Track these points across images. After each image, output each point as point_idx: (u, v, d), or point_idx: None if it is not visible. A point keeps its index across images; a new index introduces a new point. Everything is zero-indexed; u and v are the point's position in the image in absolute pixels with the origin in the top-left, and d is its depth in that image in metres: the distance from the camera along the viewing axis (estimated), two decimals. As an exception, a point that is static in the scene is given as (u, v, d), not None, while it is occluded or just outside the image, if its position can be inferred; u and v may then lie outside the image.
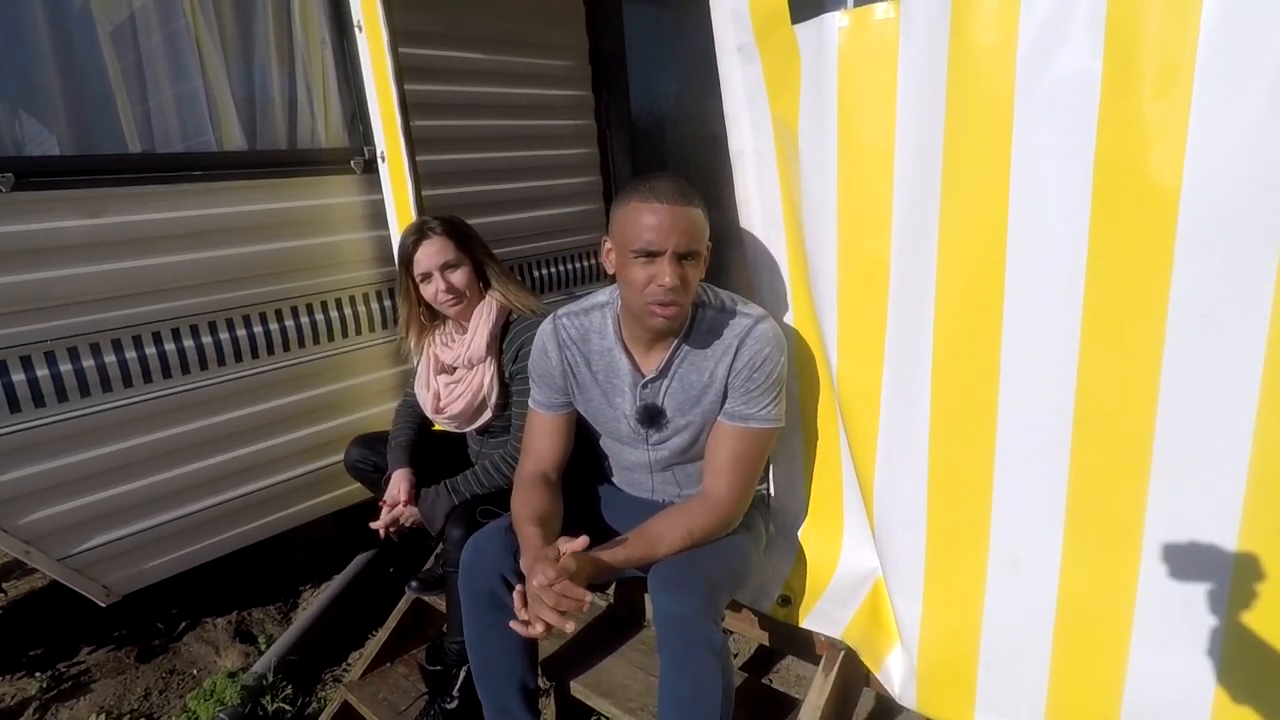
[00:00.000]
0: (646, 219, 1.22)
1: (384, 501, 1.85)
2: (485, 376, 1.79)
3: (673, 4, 3.39)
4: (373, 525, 1.84)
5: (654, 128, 3.50)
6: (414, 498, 1.82)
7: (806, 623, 1.51)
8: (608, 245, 1.32)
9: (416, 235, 1.76)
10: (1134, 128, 0.93)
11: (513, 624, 1.18)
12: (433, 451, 1.97)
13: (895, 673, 1.37)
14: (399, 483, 1.84)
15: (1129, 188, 0.95)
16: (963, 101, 1.04)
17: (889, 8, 1.09)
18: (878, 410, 1.26)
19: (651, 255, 1.23)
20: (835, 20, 1.15)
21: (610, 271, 1.34)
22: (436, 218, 1.80)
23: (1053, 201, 1.00)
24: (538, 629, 1.16)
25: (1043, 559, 1.12)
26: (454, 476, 1.79)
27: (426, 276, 1.76)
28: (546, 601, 1.14)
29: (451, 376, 1.85)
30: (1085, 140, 0.96)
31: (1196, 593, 1.04)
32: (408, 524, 1.84)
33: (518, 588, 1.23)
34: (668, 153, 3.52)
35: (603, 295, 1.45)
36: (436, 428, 2.00)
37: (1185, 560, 1.04)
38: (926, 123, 1.08)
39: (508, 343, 1.78)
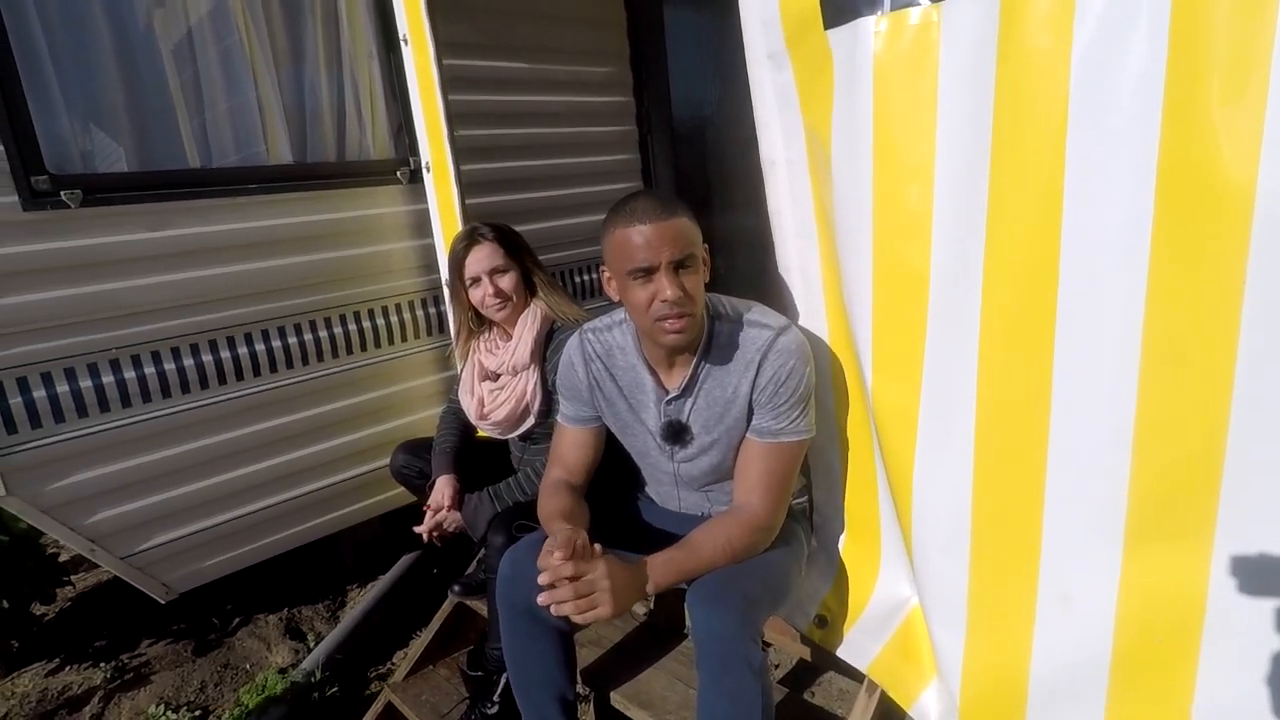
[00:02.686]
0: (634, 239, 1.23)
1: (428, 506, 1.87)
2: (529, 383, 1.81)
3: (713, 8, 3.37)
4: (417, 530, 1.88)
5: (695, 132, 3.50)
6: (458, 503, 1.84)
7: (840, 650, 1.48)
8: (607, 275, 1.33)
9: (467, 240, 1.80)
10: (1202, 136, 0.88)
11: (541, 597, 1.21)
12: (476, 458, 1.99)
13: (932, 709, 1.32)
14: (443, 488, 1.86)
15: (1196, 200, 0.90)
16: (1011, 108, 1.00)
17: (930, 10, 1.04)
18: (915, 432, 1.22)
19: (648, 273, 1.24)
20: (870, 24, 1.10)
21: (615, 299, 1.35)
22: (487, 224, 1.83)
23: (1111, 213, 0.96)
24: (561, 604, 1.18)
25: (1097, 591, 1.07)
26: (497, 483, 1.81)
27: (475, 281, 1.80)
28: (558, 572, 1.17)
29: (495, 383, 1.88)
30: (1147, 149, 0.91)
31: (1269, 626, 0.98)
32: (451, 529, 1.86)
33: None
34: (708, 157, 3.51)
35: (622, 312, 1.44)
36: (480, 434, 2.03)
37: (1257, 593, 0.98)
38: (972, 131, 1.04)
39: (551, 350, 1.79)
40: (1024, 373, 1.07)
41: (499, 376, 1.87)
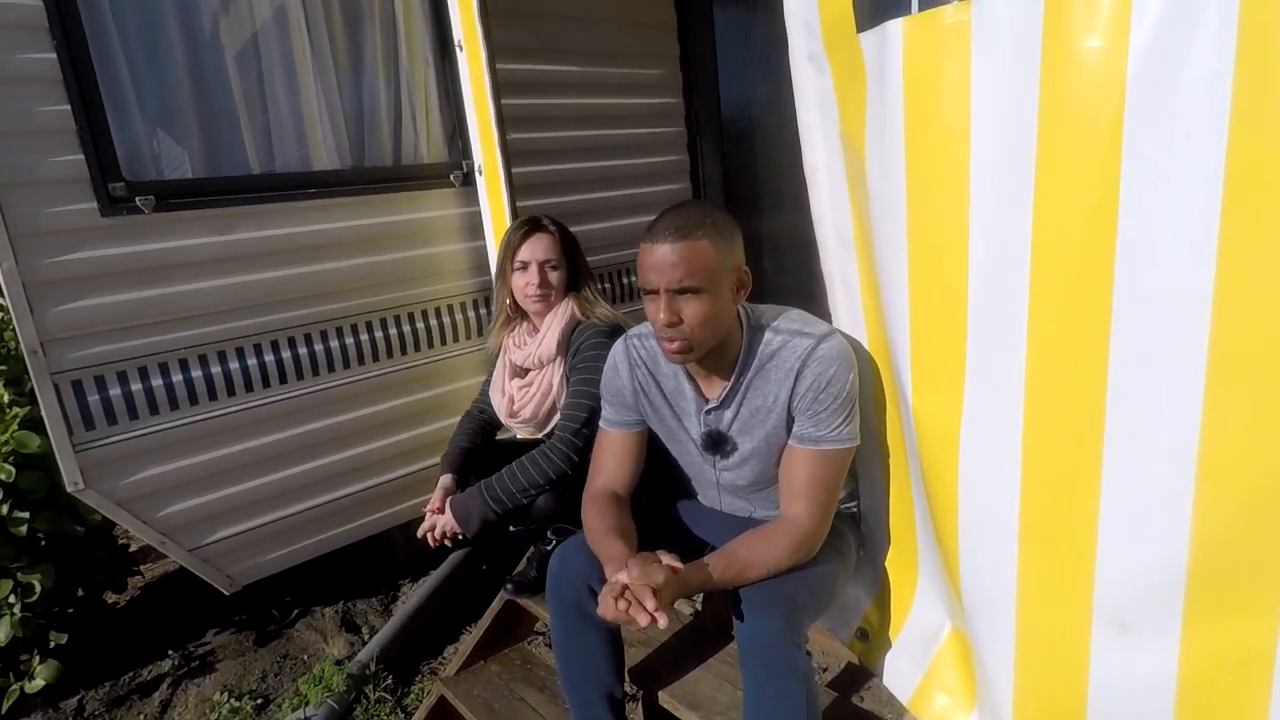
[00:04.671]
0: (647, 258, 1.25)
1: (426, 509, 1.82)
2: (554, 377, 1.82)
3: (762, 8, 3.35)
4: (419, 534, 1.82)
5: (743, 133, 3.48)
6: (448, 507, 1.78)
7: (879, 672, 1.45)
8: None
9: (530, 226, 1.82)
10: (1275, 140, 0.82)
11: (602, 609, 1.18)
12: (493, 461, 1.89)
13: None
14: (438, 491, 1.82)
15: (1268, 207, 0.84)
16: (1059, 112, 0.94)
17: (960, 9, 0.98)
18: (957, 451, 1.16)
19: (652, 293, 1.25)
20: (899, 27, 1.04)
21: None
22: (551, 218, 1.85)
23: (1172, 223, 0.89)
24: (642, 620, 1.14)
25: (1159, 625, 1.00)
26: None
27: (524, 266, 1.81)
28: (641, 596, 1.14)
29: (524, 379, 1.89)
30: (1214, 154, 0.85)
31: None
32: (445, 531, 1.77)
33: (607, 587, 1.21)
34: (757, 157, 3.49)
35: None
36: (499, 438, 2.04)
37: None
38: (1012, 137, 0.98)
39: (573, 350, 1.80)
40: (1076, 392, 1.01)
41: (527, 373, 1.88)
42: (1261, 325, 0.87)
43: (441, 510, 1.78)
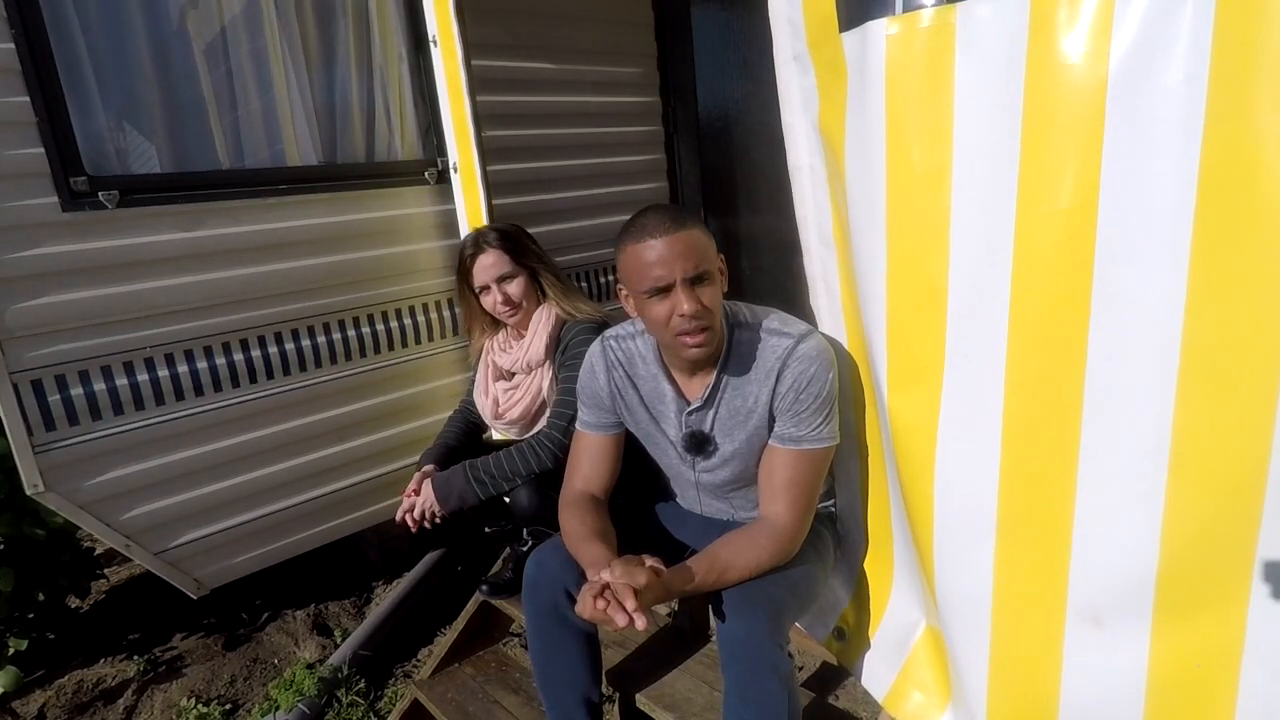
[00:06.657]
0: (647, 257, 1.22)
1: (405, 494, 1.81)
2: (544, 380, 1.82)
3: (740, 7, 3.36)
4: (396, 518, 1.80)
5: (720, 132, 3.49)
6: (431, 488, 1.76)
7: (855, 672, 1.46)
8: (624, 292, 1.33)
9: (474, 248, 1.81)
10: (1248, 143, 0.84)
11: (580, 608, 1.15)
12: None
13: None
14: (416, 476, 1.81)
15: (1240, 210, 0.86)
16: (1042, 114, 0.95)
17: (945, 12, 0.98)
18: (934, 451, 1.17)
19: (664, 290, 1.23)
20: (882, 27, 1.04)
21: (632, 315, 1.35)
22: (494, 228, 1.84)
23: (1149, 223, 0.91)
24: (620, 621, 1.11)
25: (1131, 620, 1.02)
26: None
27: (484, 289, 1.81)
28: (622, 597, 1.11)
29: (510, 382, 1.88)
30: (1189, 157, 0.87)
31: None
32: (427, 510, 1.75)
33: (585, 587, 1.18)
34: (734, 157, 3.50)
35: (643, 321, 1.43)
36: (484, 438, 2.02)
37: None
38: (996, 139, 0.99)
39: (561, 348, 1.80)
40: (1053, 390, 1.02)
41: (513, 375, 1.87)
42: (1233, 324, 0.90)
43: (419, 492, 1.77)
